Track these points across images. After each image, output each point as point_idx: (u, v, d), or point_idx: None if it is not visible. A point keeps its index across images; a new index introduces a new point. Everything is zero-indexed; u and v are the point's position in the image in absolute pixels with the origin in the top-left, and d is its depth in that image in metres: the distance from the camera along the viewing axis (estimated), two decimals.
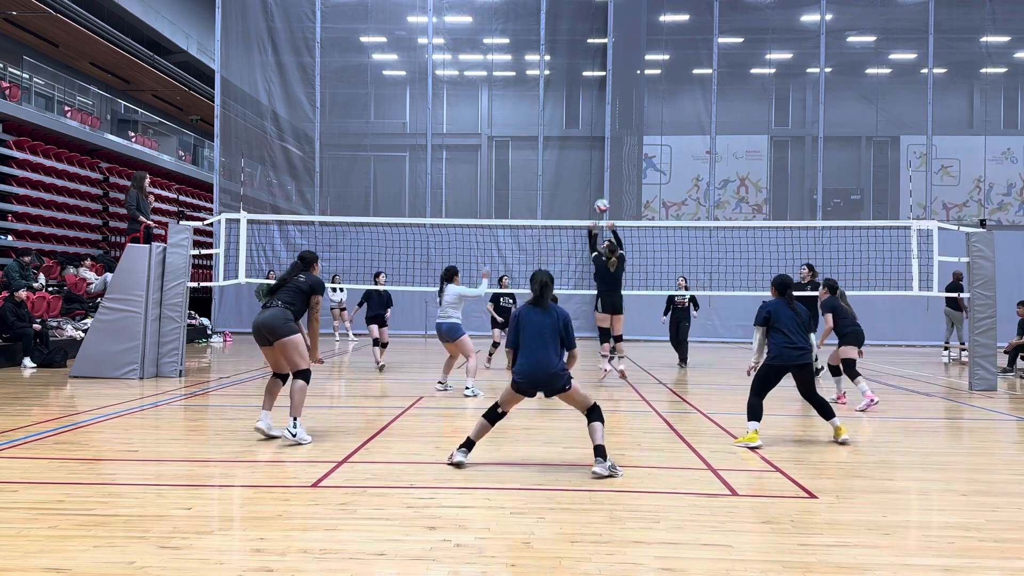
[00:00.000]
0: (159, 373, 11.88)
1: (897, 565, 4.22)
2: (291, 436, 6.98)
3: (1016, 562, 4.31)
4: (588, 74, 24.71)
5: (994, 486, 6.04)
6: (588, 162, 23.69)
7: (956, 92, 24.68)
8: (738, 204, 23.75)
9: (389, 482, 5.80)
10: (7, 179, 20.31)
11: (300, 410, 7.07)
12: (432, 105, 23.65)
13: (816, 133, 23.12)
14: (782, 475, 6.17)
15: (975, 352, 11.71)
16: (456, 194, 24.20)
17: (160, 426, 8.35)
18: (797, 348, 7.38)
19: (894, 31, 23.62)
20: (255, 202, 22.84)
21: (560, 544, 4.47)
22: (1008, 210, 23.36)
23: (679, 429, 8.16)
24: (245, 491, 5.64)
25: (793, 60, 24.56)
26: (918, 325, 21.11)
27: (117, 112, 29.46)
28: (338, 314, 20.73)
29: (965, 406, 10.38)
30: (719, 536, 4.64)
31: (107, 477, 6.00)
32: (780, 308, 7.62)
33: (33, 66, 24.26)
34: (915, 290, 12.43)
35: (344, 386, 12.25)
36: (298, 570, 4.03)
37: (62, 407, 9.45)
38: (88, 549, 4.28)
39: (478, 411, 9.25)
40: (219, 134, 23.30)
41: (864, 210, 24.04)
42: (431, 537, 4.56)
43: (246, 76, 23.61)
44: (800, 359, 7.38)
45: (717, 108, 23.05)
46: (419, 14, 23.90)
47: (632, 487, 5.79)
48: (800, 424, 8.68)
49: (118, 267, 12.29)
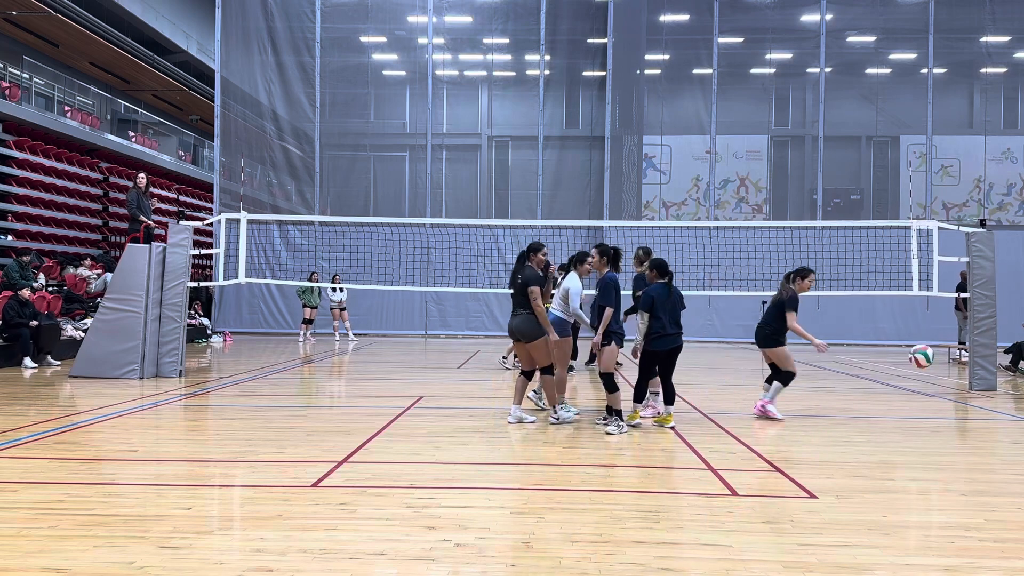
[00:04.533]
0: (159, 373, 11.88)
1: (897, 565, 4.22)
2: (555, 421, 8.22)
3: (1016, 562, 4.31)
4: (588, 74, 24.70)
5: (994, 486, 6.04)
6: (588, 162, 23.69)
7: (956, 92, 24.68)
8: (738, 204, 23.75)
9: (389, 482, 5.80)
10: (7, 179, 20.31)
11: (554, 399, 8.30)
12: (432, 105, 23.65)
13: (816, 133, 23.11)
14: (782, 475, 6.17)
15: (975, 352, 11.70)
16: (456, 194, 24.19)
17: (160, 426, 8.35)
18: (671, 334, 7.93)
19: (894, 31, 23.62)
20: (255, 202, 22.85)
21: (560, 544, 4.47)
22: (1008, 210, 23.35)
23: (679, 429, 8.16)
24: (245, 491, 5.64)
25: (793, 60, 24.56)
26: (918, 325, 21.12)
27: (117, 112, 29.48)
28: (338, 314, 20.73)
29: (965, 406, 10.38)
30: (719, 536, 4.64)
31: (107, 477, 6.00)
32: (662, 293, 7.89)
33: (33, 66, 24.26)
34: (915, 290, 12.43)
35: (344, 386, 12.25)
36: (298, 570, 4.03)
37: (62, 407, 9.45)
38: (88, 549, 4.28)
39: (477, 411, 9.27)
40: (219, 134, 23.30)
41: (864, 210, 24.04)
42: (431, 537, 4.56)
43: (246, 76, 23.61)
44: (675, 343, 7.98)
45: (717, 108, 23.05)
46: (419, 14, 23.90)
47: (632, 487, 5.79)
48: (800, 424, 8.68)
49: (118, 267, 12.29)
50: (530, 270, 8.22)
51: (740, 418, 9.04)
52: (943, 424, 9.02)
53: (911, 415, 9.55)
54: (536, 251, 8.33)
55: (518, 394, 8.37)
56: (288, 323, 22.54)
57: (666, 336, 7.93)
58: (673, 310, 7.97)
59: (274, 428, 8.04)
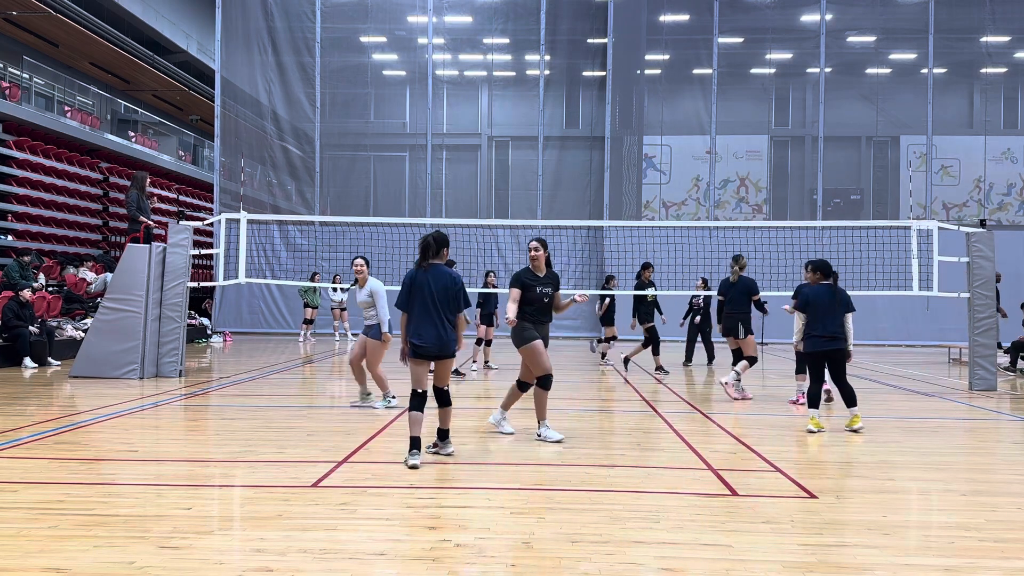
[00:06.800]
0: (159, 373, 11.88)
1: (897, 565, 4.21)
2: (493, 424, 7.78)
3: (1016, 562, 4.31)
4: (588, 74, 24.71)
5: (994, 486, 6.04)
6: (588, 162, 23.69)
7: (956, 92, 24.68)
8: (738, 204, 23.75)
9: (389, 482, 5.80)
10: (7, 179, 20.31)
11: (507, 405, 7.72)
12: (432, 105, 23.64)
13: (816, 133, 23.11)
14: (782, 475, 6.16)
15: (975, 352, 11.71)
16: (456, 194, 24.20)
17: (160, 426, 8.35)
18: (821, 336, 7.94)
19: (894, 31, 23.62)
20: (255, 202, 22.84)
21: (560, 544, 4.46)
22: (1008, 210, 23.36)
23: (679, 429, 8.16)
24: (245, 491, 5.64)
25: (793, 60, 24.56)
26: (918, 325, 21.13)
27: (117, 112, 29.49)
28: (339, 314, 20.73)
29: (965, 406, 10.38)
30: (719, 536, 4.64)
31: (107, 477, 6.00)
32: (822, 294, 8.02)
33: (33, 66, 24.27)
34: (915, 290, 12.43)
35: (344, 386, 12.25)
36: (298, 570, 4.03)
37: (62, 407, 9.45)
38: (88, 549, 4.28)
39: (477, 411, 9.27)
40: (219, 134, 23.31)
41: (864, 210, 24.04)
42: (431, 537, 4.56)
43: (246, 76, 23.61)
44: (824, 346, 7.97)
45: (717, 108, 23.05)
46: (419, 14, 23.90)
47: (632, 487, 5.79)
48: (800, 424, 8.67)
49: (118, 267, 12.29)
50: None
51: (740, 418, 9.04)
52: (943, 424, 9.01)
53: (911, 415, 9.55)
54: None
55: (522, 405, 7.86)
56: (288, 323, 22.54)
57: (815, 338, 7.94)
58: (832, 312, 7.92)
59: (274, 428, 8.04)
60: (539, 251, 7.39)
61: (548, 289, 7.40)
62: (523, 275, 7.42)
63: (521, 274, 7.44)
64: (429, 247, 6.36)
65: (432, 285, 6.28)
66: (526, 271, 7.46)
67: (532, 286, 7.33)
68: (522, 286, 7.33)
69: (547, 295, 7.40)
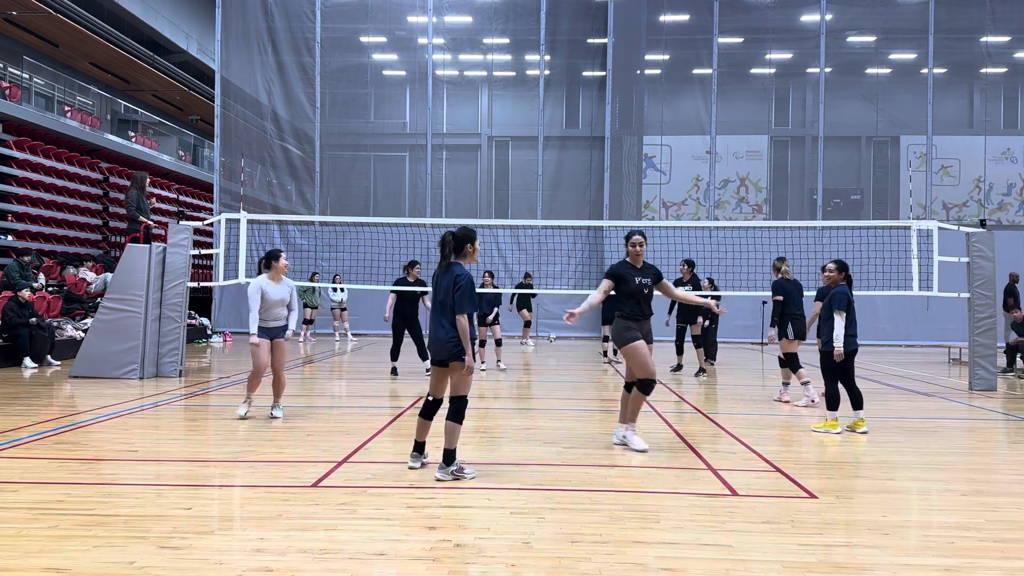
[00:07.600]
0: (159, 373, 11.88)
1: (897, 565, 4.21)
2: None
3: (1016, 562, 4.31)
4: (588, 74, 24.70)
5: (994, 486, 6.04)
6: (588, 162, 23.69)
7: (956, 92, 24.67)
8: (738, 204, 23.74)
9: (389, 482, 5.80)
10: (7, 179, 20.31)
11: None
12: (432, 105, 23.64)
13: (816, 133, 23.11)
14: (782, 475, 6.17)
15: (975, 352, 11.71)
16: (456, 194, 24.19)
17: (160, 426, 8.35)
18: (855, 335, 8.10)
19: (894, 31, 23.62)
20: (255, 202, 22.83)
21: (560, 544, 4.47)
22: (1008, 210, 23.35)
23: (679, 429, 8.16)
24: (245, 491, 5.64)
25: (793, 60, 24.55)
26: (919, 325, 21.14)
27: (117, 112, 29.49)
28: (338, 314, 20.73)
29: (965, 406, 10.38)
30: (719, 536, 4.64)
31: (107, 477, 6.00)
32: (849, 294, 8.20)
33: (33, 66, 24.26)
34: (915, 290, 12.43)
35: (344, 386, 12.25)
36: (298, 570, 4.03)
37: (62, 407, 9.45)
38: (88, 549, 4.28)
39: (477, 411, 9.26)
40: (219, 134, 23.30)
41: (864, 210, 24.04)
42: (431, 537, 4.56)
43: (246, 76, 23.61)
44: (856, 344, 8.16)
45: (717, 108, 23.05)
46: (419, 14, 23.89)
47: (632, 487, 5.79)
48: (800, 424, 8.67)
49: (118, 267, 12.29)
50: None
51: (741, 418, 9.04)
52: (943, 424, 9.01)
53: (911, 415, 9.55)
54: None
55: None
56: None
57: (851, 337, 8.02)
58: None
59: (274, 428, 8.04)
60: (643, 245, 7.08)
61: (648, 280, 7.07)
62: (618, 267, 7.08)
63: (616, 267, 7.11)
64: (445, 245, 6.06)
65: (440, 286, 6.03)
66: (622, 263, 7.12)
67: (631, 277, 6.98)
68: (618, 278, 6.99)
69: (647, 286, 7.05)
